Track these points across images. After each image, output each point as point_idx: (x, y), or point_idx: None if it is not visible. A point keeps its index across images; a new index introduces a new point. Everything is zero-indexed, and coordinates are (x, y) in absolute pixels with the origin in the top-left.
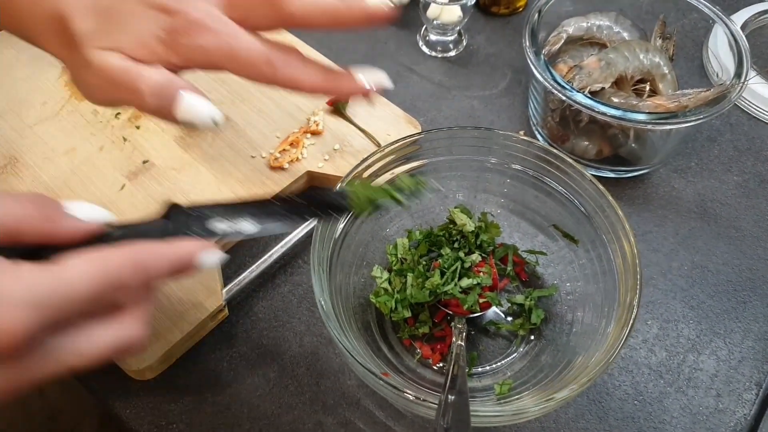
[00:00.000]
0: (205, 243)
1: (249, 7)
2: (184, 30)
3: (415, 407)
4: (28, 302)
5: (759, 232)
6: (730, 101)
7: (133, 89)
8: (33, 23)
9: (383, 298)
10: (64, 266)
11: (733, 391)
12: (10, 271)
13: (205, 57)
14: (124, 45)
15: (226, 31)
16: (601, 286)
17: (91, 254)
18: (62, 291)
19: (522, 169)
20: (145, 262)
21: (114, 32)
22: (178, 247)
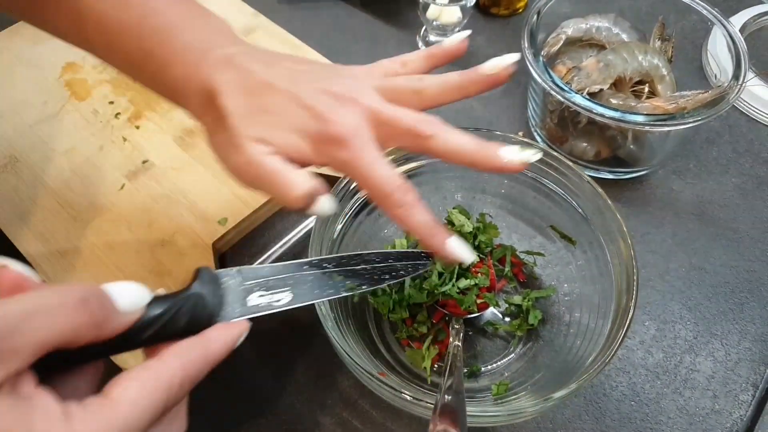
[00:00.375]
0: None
1: (394, 131)
2: (330, 140)
3: (412, 407)
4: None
5: (757, 234)
6: (728, 103)
7: (284, 193)
8: (183, 91)
9: (381, 298)
10: (117, 402)
11: (729, 392)
12: (60, 422)
13: (341, 167)
14: (276, 140)
15: (365, 156)
16: (598, 288)
17: (141, 377)
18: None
19: None
20: (193, 374)
21: (266, 124)
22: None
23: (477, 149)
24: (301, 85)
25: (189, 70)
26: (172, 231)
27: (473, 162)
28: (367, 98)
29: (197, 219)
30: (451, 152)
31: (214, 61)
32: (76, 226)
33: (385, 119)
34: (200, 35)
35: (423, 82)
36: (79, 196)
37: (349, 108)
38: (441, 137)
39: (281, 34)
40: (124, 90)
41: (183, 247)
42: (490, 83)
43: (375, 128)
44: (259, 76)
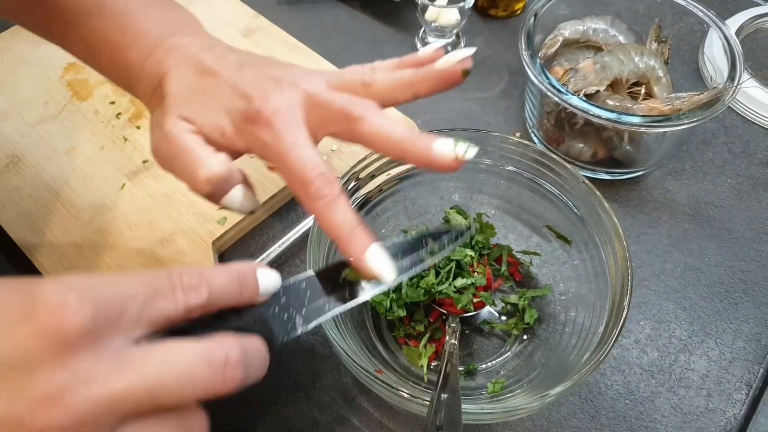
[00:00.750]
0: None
1: (327, 113)
2: (252, 119)
3: (409, 405)
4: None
5: (751, 235)
6: (724, 104)
7: (190, 172)
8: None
9: (379, 297)
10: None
11: (723, 391)
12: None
13: (261, 150)
14: (199, 119)
15: (286, 136)
16: (594, 287)
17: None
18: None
19: (517, 170)
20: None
21: (196, 104)
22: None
23: (408, 139)
24: (245, 71)
25: (143, 55)
26: (172, 230)
27: (403, 152)
28: (309, 83)
29: (197, 218)
30: (381, 139)
31: (168, 47)
32: (76, 224)
33: (319, 101)
34: (159, 23)
35: (374, 75)
36: (80, 195)
37: (283, 91)
38: (372, 121)
39: (281, 35)
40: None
41: (183, 246)
42: (444, 80)
43: (309, 112)
44: (208, 63)
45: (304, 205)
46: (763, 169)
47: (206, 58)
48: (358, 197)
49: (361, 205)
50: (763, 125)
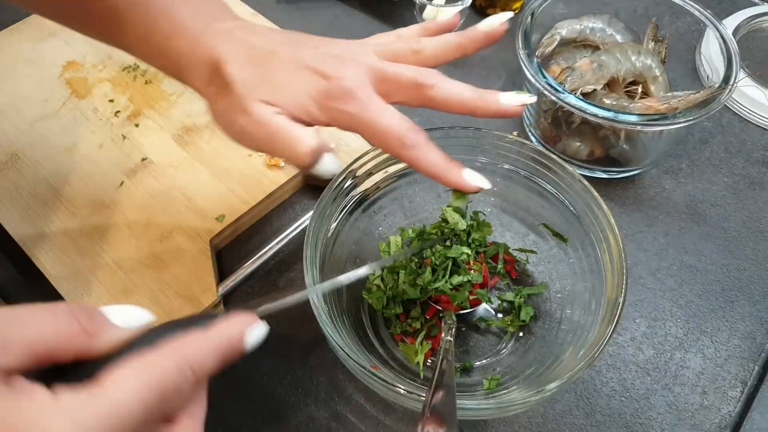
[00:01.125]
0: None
1: (397, 85)
2: (336, 96)
3: (405, 400)
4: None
5: (747, 233)
6: (720, 103)
7: (291, 149)
8: (187, 64)
9: (375, 294)
10: (107, 388)
11: (718, 388)
12: (50, 405)
13: (348, 122)
14: (282, 101)
15: (371, 106)
16: (589, 285)
17: (134, 365)
18: (111, 416)
19: (513, 169)
20: (192, 360)
21: (272, 87)
22: (223, 332)
23: (477, 96)
24: (303, 51)
25: (192, 43)
26: (170, 227)
27: (475, 108)
28: (368, 58)
29: (195, 216)
30: (453, 101)
31: (216, 33)
32: (75, 222)
33: (388, 75)
34: (201, 10)
35: (421, 43)
36: (78, 192)
37: (352, 66)
38: (442, 86)
39: None
40: (124, 88)
41: (181, 244)
42: (487, 40)
43: (378, 85)
44: (261, 45)
45: (401, 156)
46: (759, 168)
47: (257, 41)
48: (355, 195)
49: (359, 202)
50: (760, 124)
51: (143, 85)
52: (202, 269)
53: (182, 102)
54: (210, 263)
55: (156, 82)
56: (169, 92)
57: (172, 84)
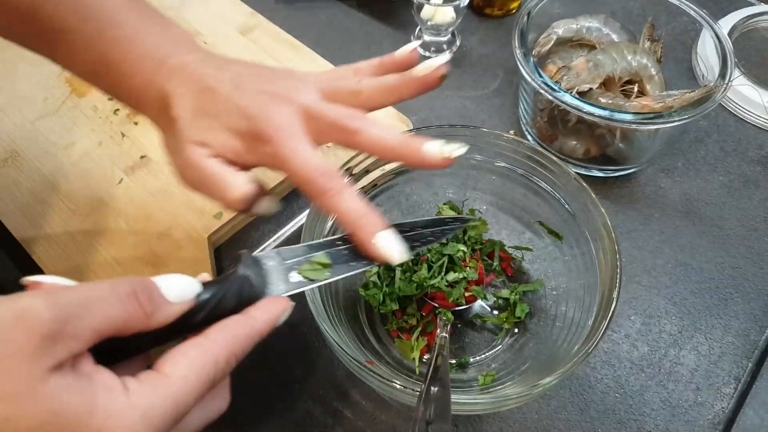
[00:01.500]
0: (283, 303)
1: (323, 127)
2: (256, 136)
3: (401, 396)
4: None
5: (742, 231)
6: (714, 102)
7: (223, 196)
8: (143, 99)
9: (372, 291)
10: (170, 377)
11: (712, 385)
12: (121, 395)
13: (271, 163)
14: (214, 142)
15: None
16: (584, 282)
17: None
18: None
19: (510, 167)
20: (238, 350)
21: (206, 127)
22: (262, 323)
23: (401, 143)
24: (242, 88)
25: (145, 80)
26: (169, 224)
27: (399, 156)
28: (304, 96)
29: (193, 213)
30: (378, 147)
31: (168, 71)
32: (74, 219)
33: (315, 113)
34: (157, 45)
35: (361, 84)
36: (78, 190)
37: (281, 106)
38: (366, 132)
39: (278, 33)
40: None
41: (179, 240)
42: (424, 86)
43: (307, 123)
44: (207, 82)
45: (314, 201)
46: (754, 167)
47: (205, 76)
48: None
49: None
50: (755, 124)
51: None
52: (201, 266)
53: None
54: (208, 260)
55: None
56: None
57: None
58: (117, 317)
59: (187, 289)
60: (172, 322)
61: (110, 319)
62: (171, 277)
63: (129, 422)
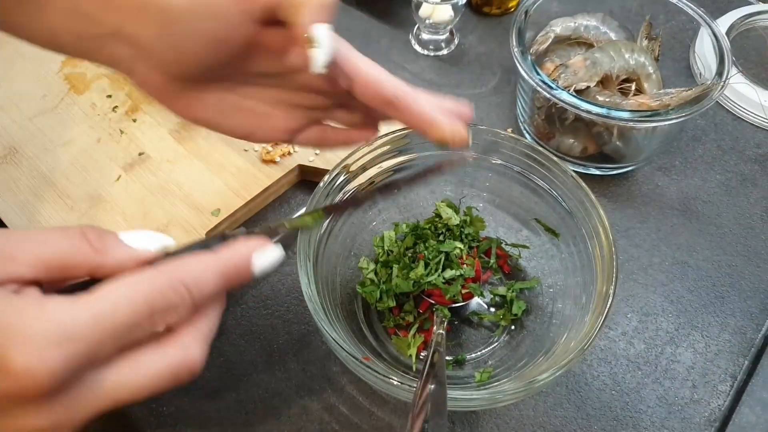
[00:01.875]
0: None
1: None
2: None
3: (397, 392)
4: (51, 339)
5: (739, 230)
6: (711, 100)
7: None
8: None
9: (369, 288)
10: (97, 295)
11: (708, 382)
12: (32, 307)
13: None
14: None
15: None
16: (580, 279)
17: (128, 278)
18: (92, 321)
19: (507, 165)
20: (187, 278)
21: None
22: (227, 254)
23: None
24: None
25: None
26: (167, 221)
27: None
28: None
29: (191, 210)
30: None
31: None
32: (72, 216)
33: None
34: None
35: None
36: (76, 187)
37: None
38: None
39: None
40: (122, 84)
41: (177, 237)
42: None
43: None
44: None
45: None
46: (751, 165)
47: None
48: (348, 190)
49: (352, 197)
50: (753, 122)
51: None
52: None
53: None
54: None
55: None
56: None
57: None
58: (62, 247)
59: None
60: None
61: (54, 249)
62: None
63: (31, 328)
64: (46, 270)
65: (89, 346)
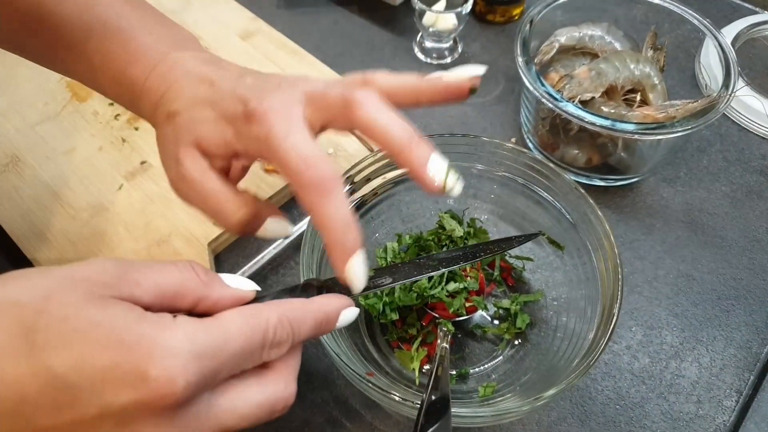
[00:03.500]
0: (345, 300)
1: (323, 105)
2: (246, 118)
3: (400, 408)
4: (189, 352)
5: (745, 242)
6: (717, 112)
7: (219, 217)
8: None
9: (372, 300)
10: (220, 319)
11: (713, 397)
12: (171, 324)
13: (256, 148)
14: (206, 138)
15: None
16: (585, 293)
17: (244, 309)
18: (221, 342)
19: (510, 176)
20: (292, 318)
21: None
22: (322, 304)
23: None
24: (245, 79)
25: (146, 70)
26: (168, 231)
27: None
28: (307, 84)
29: (193, 219)
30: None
31: (171, 62)
32: (74, 224)
33: (316, 94)
34: (161, 39)
35: (375, 73)
36: (78, 195)
37: (282, 92)
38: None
39: (279, 38)
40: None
41: (179, 247)
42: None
43: (307, 107)
44: (207, 74)
45: (299, 197)
46: (757, 177)
47: (207, 70)
48: (353, 200)
49: (356, 208)
50: (759, 133)
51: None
52: None
53: None
54: (208, 267)
55: None
56: None
57: None
58: (174, 276)
59: (245, 284)
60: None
61: (169, 278)
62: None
63: (172, 341)
64: (162, 297)
65: (217, 364)
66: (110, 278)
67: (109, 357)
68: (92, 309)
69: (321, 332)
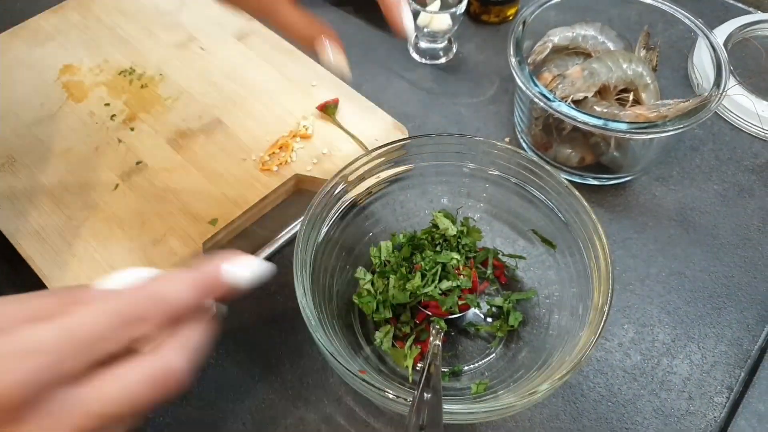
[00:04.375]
0: (234, 253)
1: None
2: None
3: (393, 405)
4: (17, 354)
5: (736, 240)
6: (709, 111)
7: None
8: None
9: (366, 299)
10: (66, 314)
11: (704, 394)
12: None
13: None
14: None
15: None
16: (577, 291)
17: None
18: (59, 335)
19: (504, 176)
20: (160, 290)
21: None
22: (200, 266)
23: None
24: None
25: None
26: (164, 231)
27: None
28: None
29: (188, 219)
30: None
31: None
32: (70, 224)
33: None
34: None
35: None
36: (74, 195)
37: None
38: None
39: (275, 39)
40: (120, 93)
41: (174, 247)
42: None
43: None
44: None
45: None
46: (749, 175)
47: None
48: (346, 200)
49: (350, 207)
50: (751, 132)
51: (139, 90)
52: None
53: (177, 106)
54: None
55: (152, 87)
56: (165, 96)
57: (168, 88)
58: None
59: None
60: None
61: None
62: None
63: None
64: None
65: (56, 358)
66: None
67: None
68: None
69: (208, 294)
